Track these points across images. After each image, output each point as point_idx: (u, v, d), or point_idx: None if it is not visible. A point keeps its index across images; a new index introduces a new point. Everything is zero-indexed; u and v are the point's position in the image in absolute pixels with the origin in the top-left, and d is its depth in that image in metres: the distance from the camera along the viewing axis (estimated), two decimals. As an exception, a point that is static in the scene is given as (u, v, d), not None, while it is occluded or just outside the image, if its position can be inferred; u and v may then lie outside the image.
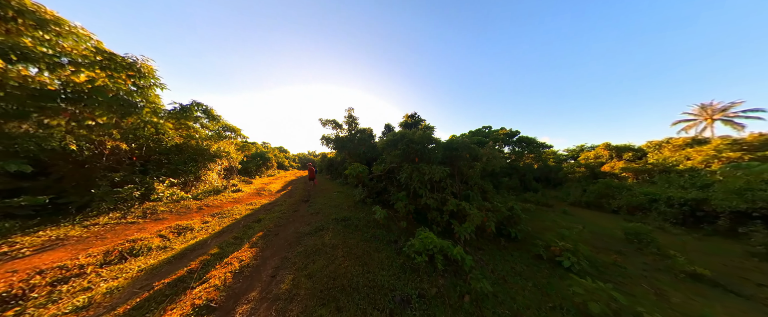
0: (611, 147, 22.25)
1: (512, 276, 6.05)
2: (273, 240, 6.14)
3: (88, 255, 4.58)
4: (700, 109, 24.47)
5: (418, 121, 16.16)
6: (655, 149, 19.30)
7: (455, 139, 9.83)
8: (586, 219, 15.24)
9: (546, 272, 6.60)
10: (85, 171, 6.78)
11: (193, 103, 9.91)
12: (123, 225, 6.51)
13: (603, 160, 22.00)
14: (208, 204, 9.98)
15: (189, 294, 3.67)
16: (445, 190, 9.79)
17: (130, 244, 5.23)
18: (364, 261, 5.18)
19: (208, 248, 5.44)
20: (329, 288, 4.04)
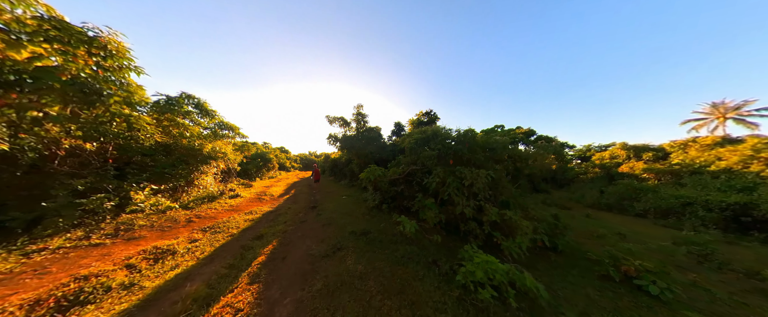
0: (628, 146, 20.96)
1: (597, 310, 4.52)
2: (280, 269, 4.55)
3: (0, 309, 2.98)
4: (712, 108, 23.30)
5: (433, 118, 14.68)
6: (680, 149, 18.01)
7: (491, 138, 8.37)
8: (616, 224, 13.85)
9: (628, 300, 5.10)
10: (34, 178, 5.16)
11: (182, 95, 8.24)
12: (81, 250, 4.86)
13: (619, 160, 20.71)
14: (200, 214, 8.33)
15: None
16: (477, 196, 8.29)
17: (78, 285, 3.61)
18: (408, 300, 3.70)
19: (192, 284, 3.84)
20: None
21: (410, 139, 8.58)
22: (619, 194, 18.04)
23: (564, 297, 4.97)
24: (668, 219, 14.07)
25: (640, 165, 18.51)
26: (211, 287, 3.80)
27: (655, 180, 17.46)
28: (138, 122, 5.84)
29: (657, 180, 17.34)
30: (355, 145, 15.38)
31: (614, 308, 4.54)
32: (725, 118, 22.10)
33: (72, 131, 5.08)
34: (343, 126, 15.08)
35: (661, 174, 17.13)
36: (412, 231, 6.43)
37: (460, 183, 7.51)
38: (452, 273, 4.64)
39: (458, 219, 7.88)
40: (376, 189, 10.16)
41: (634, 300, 5.00)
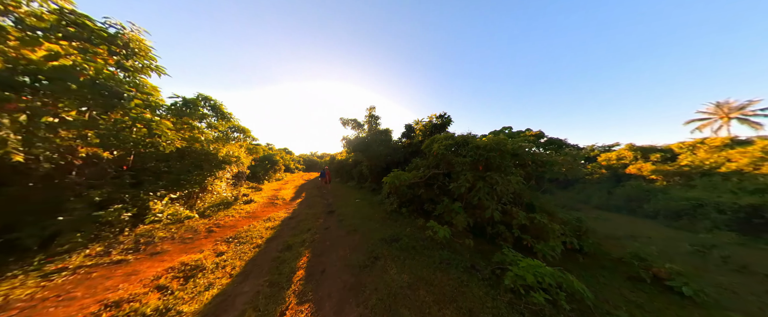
0: (635, 148, 20.86)
1: (637, 310, 4.61)
2: (324, 284, 4.17)
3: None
4: (716, 108, 23.36)
5: (447, 121, 14.29)
6: (688, 150, 17.94)
7: (517, 144, 8.12)
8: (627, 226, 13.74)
9: (664, 301, 5.07)
10: (50, 190, 4.69)
11: (199, 97, 7.74)
12: (104, 269, 4.41)
13: (626, 161, 20.61)
14: (219, 223, 7.87)
15: None
16: (502, 199, 8.05)
17: (110, 314, 3.19)
18: (464, 307, 3.58)
19: (235, 308, 3.44)
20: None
21: (439, 144, 8.24)
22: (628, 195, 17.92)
23: (604, 298, 4.86)
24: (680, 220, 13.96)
25: (648, 166, 18.39)
26: (258, 310, 3.41)
27: (664, 182, 17.36)
28: (159, 127, 5.37)
29: (666, 182, 17.24)
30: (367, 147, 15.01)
31: (654, 309, 4.55)
32: (729, 117, 22.15)
33: (89, 138, 4.60)
34: (356, 128, 14.69)
35: (670, 176, 17.03)
36: (445, 237, 6.21)
37: (490, 188, 7.26)
38: (494, 278, 4.60)
39: (485, 223, 7.64)
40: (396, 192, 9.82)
41: (668, 301, 4.96)
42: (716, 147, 16.32)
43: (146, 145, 5.50)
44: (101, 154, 4.67)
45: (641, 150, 20.48)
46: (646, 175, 18.28)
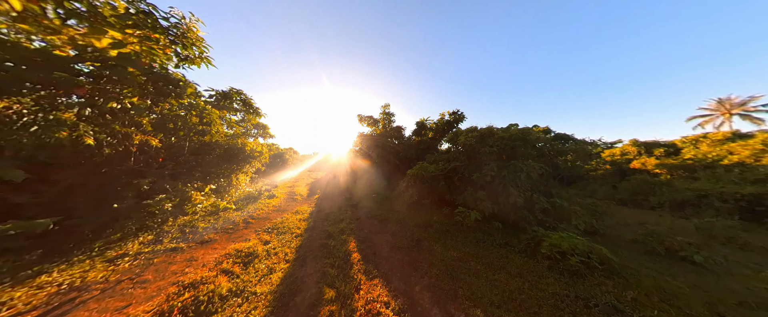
0: (639, 143, 21.12)
1: (657, 273, 4.79)
2: (382, 263, 4.22)
3: (131, 326, 2.55)
4: (718, 104, 23.73)
5: (459, 118, 14.40)
6: (691, 144, 18.23)
7: (534, 136, 8.25)
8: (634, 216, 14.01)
9: (679, 268, 5.30)
10: (101, 178, 4.63)
11: (233, 91, 7.68)
12: (163, 256, 4.39)
13: (630, 157, 20.86)
14: (253, 215, 7.84)
15: None
16: (524, 186, 8.20)
17: (190, 294, 3.17)
18: (513, 271, 4.09)
19: (308, 288, 3.45)
20: None
21: (465, 136, 8.33)
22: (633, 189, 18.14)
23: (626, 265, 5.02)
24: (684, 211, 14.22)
25: (652, 161, 18.63)
26: (334, 287, 3.42)
27: (668, 175, 17.63)
28: (209, 116, 5.32)
29: (670, 176, 17.50)
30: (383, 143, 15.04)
31: (671, 273, 4.80)
32: (731, 113, 22.48)
33: (143, 126, 4.56)
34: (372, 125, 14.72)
35: (673, 169, 17.28)
36: (477, 219, 6.51)
37: (514, 175, 7.39)
38: (529, 250, 5.01)
39: (508, 209, 7.78)
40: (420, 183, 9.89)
41: (684, 268, 5.24)
42: (718, 140, 16.62)
43: (199, 132, 5.44)
44: (152, 142, 4.62)
45: (645, 145, 20.74)
46: (650, 169, 18.51)
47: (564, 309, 2.94)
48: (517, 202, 7.18)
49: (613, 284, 3.58)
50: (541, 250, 4.50)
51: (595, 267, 4.00)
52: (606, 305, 2.98)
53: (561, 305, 3.01)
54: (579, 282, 3.65)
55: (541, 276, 3.83)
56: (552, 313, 2.84)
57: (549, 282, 3.57)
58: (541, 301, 3.06)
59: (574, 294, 3.25)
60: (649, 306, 3.16)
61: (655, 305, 3.20)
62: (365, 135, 14.88)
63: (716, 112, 23.74)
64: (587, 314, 2.88)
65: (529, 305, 2.96)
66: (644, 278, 4.10)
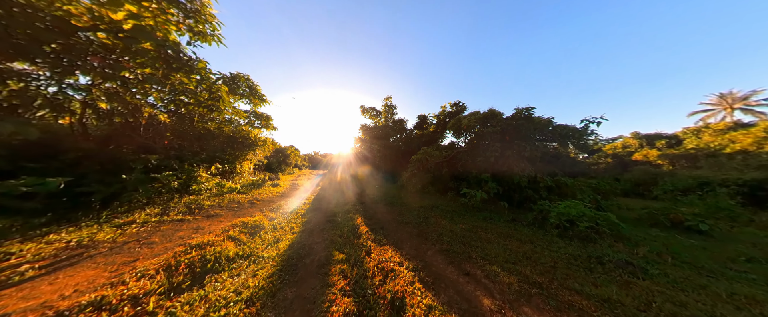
0: (640, 135, 20.94)
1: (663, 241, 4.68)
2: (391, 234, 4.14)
3: (138, 274, 2.49)
4: (719, 99, 23.45)
5: (461, 108, 14.34)
6: (693, 135, 18.03)
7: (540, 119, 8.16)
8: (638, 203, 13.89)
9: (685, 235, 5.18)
10: (110, 152, 4.60)
11: (240, 75, 7.62)
12: (169, 225, 4.34)
13: (632, 149, 20.66)
14: (257, 197, 7.81)
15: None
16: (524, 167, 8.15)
17: (197, 253, 3.12)
18: (523, 239, 4.04)
19: (317, 252, 3.38)
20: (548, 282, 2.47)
21: (468, 119, 8.26)
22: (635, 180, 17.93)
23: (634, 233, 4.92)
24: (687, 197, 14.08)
25: (654, 152, 18.47)
26: (343, 251, 3.35)
27: (670, 166, 17.43)
28: (218, 92, 5.29)
29: (672, 166, 17.30)
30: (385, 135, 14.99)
31: (678, 242, 4.68)
32: (733, 108, 22.19)
33: (154, 99, 4.54)
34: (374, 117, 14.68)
35: (676, 160, 17.10)
36: (483, 198, 6.43)
37: (519, 155, 7.31)
38: (537, 223, 4.98)
39: (513, 190, 7.69)
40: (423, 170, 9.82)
41: (689, 237, 5.11)
42: (720, 130, 16.42)
43: (209, 106, 5.39)
44: (160, 117, 4.60)
45: (646, 137, 20.55)
46: (652, 161, 18.33)
47: (579, 265, 2.86)
48: (521, 182, 7.11)
49: (624, 246, 3.48)
50: (549, 221, 4.43)
51: (604, 233, 3.91)
52: (619, 260, 2.90)
53: (575, 262, 2.93)
54: (590, 245, 3.58)
55: (552, 242, 3.77)
56: (567, 268, 2.76)
57: (560, 246, 3.52)
58: (556, 259, 2.98)
59: (586, 254, 3.18)
60: (660, 262, 3.07)
61: (666, 260, 3.11)
62: (368, 126, 14.84)
63: (718, 106, 23.44)
64: (601, 269, 2.79)
65: (544, 262, 2.89)
66: (653, 240, 4.01)
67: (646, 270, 2.70)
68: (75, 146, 4.46)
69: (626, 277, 2.56)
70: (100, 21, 3.76)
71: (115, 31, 3.74)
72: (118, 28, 3.85)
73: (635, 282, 2.43)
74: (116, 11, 3.66)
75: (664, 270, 2.76)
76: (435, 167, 10.35)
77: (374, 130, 14.64)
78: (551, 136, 8.43)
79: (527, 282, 2.45)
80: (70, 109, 4.04)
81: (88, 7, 3.67)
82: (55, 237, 3.23)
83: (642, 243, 3.80)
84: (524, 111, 7.14)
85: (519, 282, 2.42)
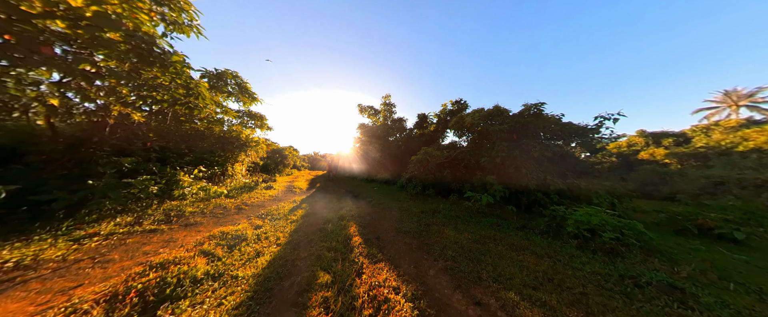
0: (646, 134, 20.35)
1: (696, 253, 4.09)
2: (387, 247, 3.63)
3: (69, 308, 2.01)
4: (724, 96, 22.89)
5: (463, 106, 13.85)
6: (702, 133, 17.44)
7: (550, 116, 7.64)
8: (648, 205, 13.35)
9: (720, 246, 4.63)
10: (78, 154, 4.14)
11: (228, 72, 7.14)
12: (139, 236, 3.86)
13: (637, 148, 20.08)
14: (246, 202, 7.31)
15: None
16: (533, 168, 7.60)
17: (156, 275, 2.64)
18: (540, 253, 3.47)
19: (300, 271, 2.90)
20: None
21: (472, 117, 7.74)
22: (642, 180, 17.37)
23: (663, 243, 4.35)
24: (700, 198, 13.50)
25: (661, 151, 17.89)
26: (329, 271, 2.85)
27: (679, 165, 16.85)
28: (197, 88, 4.81)
29: (680, 165, 16.72)
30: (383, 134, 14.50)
31: (724, 257, 4.08)
32: (738, 105, 21.65)
33: (123, 96, 4.06)
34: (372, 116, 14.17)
35: (685, 159, 16.51)
36: (490, 201, 5.94)
37: (527, 155, 6.80)
38: (551, 231, 4.49)
39: (520, 193, 7.19)
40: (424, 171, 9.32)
41: (724, 247, 4.55)
42: (731, 128, 15.84)
43: (184, 104, 4.90)
44: (133, 116, 4.13)
45: (653, 135, 19.95)
46: (659, 160, 17.75)
47: (612, 288, 2.36)
48: (529, 184, 6.61)
49: (659, 261, 2.97)
50: (566, 229, 3.91)
51: (631, 245, 3.40)
52: (661, 283, 2.39)
53: (606, 284, 2.43)
54: (618, 260, 3.06)
55: (572, 255, 3.26)
56: (600, 293, 2.26)
57: (583, 262, 3.00)
58: (583, 281, 2.47)
59: (617, 273, 2.67)
60: (709, 283, 2.56)
61: (715, 282, 2.60)
62: (366, 126, 14.35)
63: (723, 103, 22.90)
64: (641, 295, 2.29)
65: (571, 285, 2.38)
66: (688, 253, 3.49)
67: (697, 297, 2.20)
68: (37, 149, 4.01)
69: (677, 308, 2.06)
70: (56, 7, 3.30)
71: (75, 18, 3.29)
72: (78, 16, 3.38)
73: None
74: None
75: (720, 297, 2.26)
76: (436, 168, 9.87)
77: (373, 129, 14.15)
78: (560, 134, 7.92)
79: (556, 316, 1.95)
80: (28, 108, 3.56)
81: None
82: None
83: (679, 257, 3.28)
84: (533, 107, 6.61)
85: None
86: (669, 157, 17.09)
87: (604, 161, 21.74)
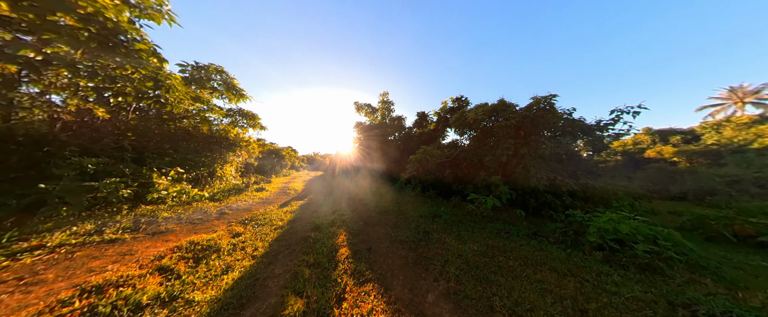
0: (653, 131, 19.71)
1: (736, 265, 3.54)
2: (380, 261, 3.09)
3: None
4: (730, 93, 22.22)
5: (464, 103, 13.28)
6: (712, 130, 16.79)
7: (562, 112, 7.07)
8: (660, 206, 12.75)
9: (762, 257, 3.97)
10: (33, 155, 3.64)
11: (212, 66, 6.60)
12: (92, 248, 3.33)
13: (644, 146, 19.44)
14: (231, 206, 6.78)
15: None
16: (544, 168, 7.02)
17: (87, 302, 2.12)
18: (560, 270, 2.85)
19: (269, 295, 2.37)
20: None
21: (474, 113, 7.18)
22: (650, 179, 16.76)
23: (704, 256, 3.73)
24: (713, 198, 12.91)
25: (669, 149, 17.24)
26: (304, 295, 2.32)
27: (687, 163, 16.22)
28: (166, 80, 4.28)
29: (690, 163, 16.09)
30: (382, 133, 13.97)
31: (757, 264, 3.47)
32: (744, 102, 21.00)
33: (81, 89, 3.55)
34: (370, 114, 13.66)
35: (694, 157, 15.88)
36: (496, 205, 5.38)
37: (536, 153, 6.24)
38: (568, 240, 3.86)
39: (528, 195, 6.63)
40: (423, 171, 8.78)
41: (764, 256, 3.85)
42: (744, 124, 15.19)
43: (151, 98, 4.37)
44: (96, 111, 3.62)
45: (659, 133, 19.31)
46: (667, 158, 17.11)
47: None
48: (538, 186, 6.05)
49: (713, 282, 2.41)
50: (587, 239, 3.33)
51: (671, 259, 2.83)
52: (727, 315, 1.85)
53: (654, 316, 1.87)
54: (658, 280, 2.50)
55: (600, 273, 2.70)
56: (652, 334, 1.71)
57: (616, 281, 2.44)
58: (623, 311, 1.92)
59: (664, 299, 2.11)
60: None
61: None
62: (364, 124, 13.83)
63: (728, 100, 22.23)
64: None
65: (608, 318, 1.83)
66: (741, 270, 2.91)
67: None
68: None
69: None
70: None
71: None
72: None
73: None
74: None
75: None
76: (436, 168, 9.33)
77: (370, 128, 13.63)
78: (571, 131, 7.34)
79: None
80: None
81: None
82: None
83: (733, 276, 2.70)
84: (544, 100, 6.02)
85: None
86: (678, 155, 16.46)
87: (609, 160, 21.11)
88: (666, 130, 19.46)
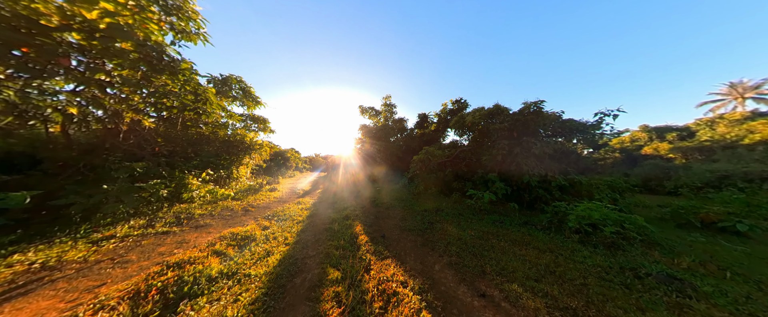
0: (649, 128, 20.25)
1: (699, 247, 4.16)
2: (393, 245, 3.76)
3: (97, 304, 2.15)
4: (730, 88, 22.67)
5: (463, 105, 13.93)
6: (706, 126, 17.32)
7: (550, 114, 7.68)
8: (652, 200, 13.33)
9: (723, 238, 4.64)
10: (91, 160, 4.30)
11: (232, 77, 7.31)
12: (153, 238, 4.01)
13: (641, 143, 19.98)
14: (252, 204, 7.48)
15: None
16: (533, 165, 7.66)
17: (174, 274, 2.77)
18: (542, 247, 3.55)
19: (310, 269, 3.02)
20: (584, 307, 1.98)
21: (473, 116, 7.83)
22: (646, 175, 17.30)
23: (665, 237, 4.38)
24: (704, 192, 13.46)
25: (665, 145, 17.78)
26: (338, 267, 2.97)
27: (683, 159, 16.75)
28: (204, 94, 4.97)
29: (685, 159, 16.63)
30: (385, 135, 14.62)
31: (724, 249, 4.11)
32: (744, 98, 21.43)
33: (134, 102, 4.22)
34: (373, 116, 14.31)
35: (689, 153, 16.42)
36: (491, 199, 6.05)
37: (528, 152, 6.87)
38: (553, 227, 4.55)
39: (522, 190, 7.26)
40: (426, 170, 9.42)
41: (727, 239, 4.60)
42: (736, 120, 15.72)
43: (193, 109, 5.06)
44: (144, 122, 4.29)
45: (656, 130, 19.85)
46: (663, 154, 17.65)
47: (612, 280, 2.45)
48: (531, 181, 6.68)
49: (659, 254, 3.05)
50: (568, 225, 3.99)
51: (632, 239, 3.47)
52: (660, 274, 2.47)
53: (607, 276, 2.52)
54: (619, 253, 3.14)
55: (574, 250, 3.35)
56: (600, 284, 2.35)
57: (585, 255, 3.09)
58: (584, 273, 2.56)
59: (618, 265, 2.75)
60: (708, 274, 2.63)
61: (715, 273, 2.66)
62: (367, 127, 14.49)
63: (728, 96, 22.67)
64: (641, 285, 2.38)
65: (572, 277, 2.48)
66: (691, 247, 3.55)
67: (696, 286, 2.27)
68: (53, 155, 4.18)
69: (675, 297, 2.15)
70: (73, 20, 3.46)
71: (90, 30, 3.44)
72: (93, 28, 3.54)
73: (689, 304, 2.02)
74: (90, 9, 3.35)
75: (718, 286, 2.33)
76: (438, 167, 9.96)
77: (374, 130, 14.28)
78: (560, 131, 7.97)
79: (557, 306, 2.05)
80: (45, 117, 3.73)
81: (59, 6, 3.37)
82: (19, 257, 2.91)
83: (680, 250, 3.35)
84: (533, 105, 6.69)
85: (547, 307, 2.02)
86: (673, 152, 17.00)
87: (607, 157, 21.64)
88: (662, 127, 19.98)
